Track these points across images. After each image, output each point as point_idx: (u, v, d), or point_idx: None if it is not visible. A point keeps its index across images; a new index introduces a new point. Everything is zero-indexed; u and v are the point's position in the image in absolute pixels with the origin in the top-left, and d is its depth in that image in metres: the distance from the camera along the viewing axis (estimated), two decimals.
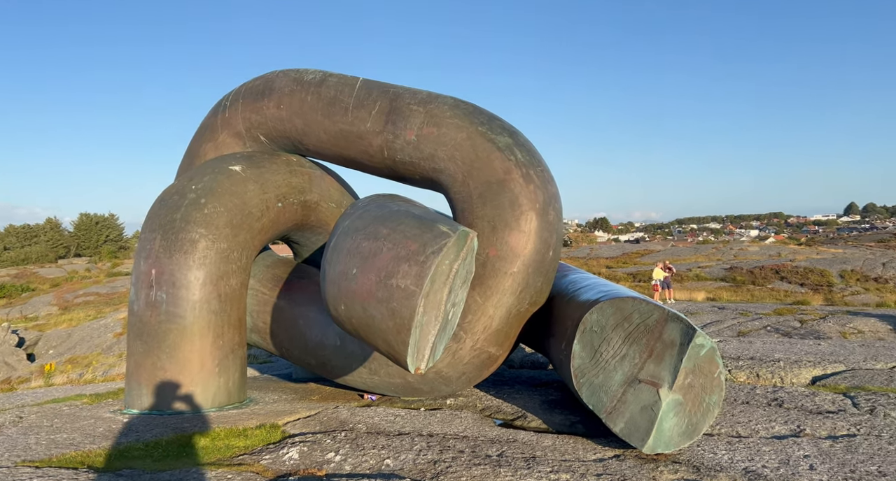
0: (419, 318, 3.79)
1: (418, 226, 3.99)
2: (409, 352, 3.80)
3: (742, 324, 21.14)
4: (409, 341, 3.73)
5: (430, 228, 3.94)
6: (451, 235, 3.90)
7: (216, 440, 5.02)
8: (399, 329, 3.72)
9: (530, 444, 4.76)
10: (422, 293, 3.68)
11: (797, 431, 4.85)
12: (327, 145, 7.24)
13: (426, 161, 6.47)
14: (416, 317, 3.70)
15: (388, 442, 4.83)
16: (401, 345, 3.76)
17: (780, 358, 7.36)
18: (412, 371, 3.96)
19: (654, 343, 4.63)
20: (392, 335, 3.79)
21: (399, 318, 3.71)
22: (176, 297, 6.13)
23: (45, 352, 23.80)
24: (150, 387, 6.09)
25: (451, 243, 3.86)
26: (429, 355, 4.06)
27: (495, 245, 5.88)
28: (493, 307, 5.87)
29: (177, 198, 6.51)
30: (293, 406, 6.50)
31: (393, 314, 3.73)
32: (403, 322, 3.70)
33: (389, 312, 3.74)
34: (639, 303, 4.78)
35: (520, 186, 5.96)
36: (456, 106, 6.55)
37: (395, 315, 3.72)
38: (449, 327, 4.28)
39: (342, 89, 7.07)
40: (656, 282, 29.67)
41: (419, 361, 3.99)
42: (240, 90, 7.93)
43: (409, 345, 3.74)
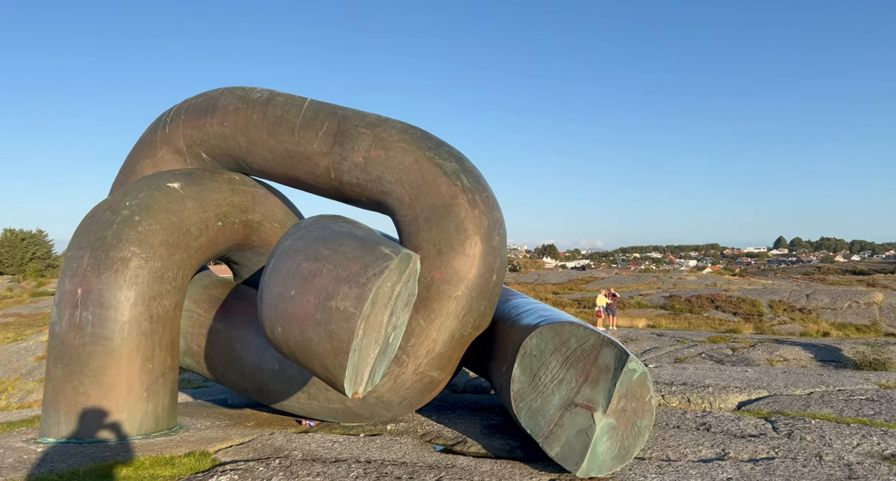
0: (358, 341, 3.77)
1: (360, 248, 4.00)
2: (346, 376, 3.76)
3: (679, 351, 21.89)
4: (346, 365, 3.70)
5: (372, 250, 3.96)
6: (394, 257, 3.92)
7: (139, 469, 4.80)
8: (337, 352, 3.69)
9: (468, 470, 4.77)
10: (361, 315, 3.67)
11: (722, 455, 5.05)
12: (272, 164, 7.18)
13: (373, 183, 6.50)
14: (355, 340, 3.68)
15: (324, 469, 4.73)
16: (338, 368, 3.72)
17: (710, 384, 7.67)
18: (350, 395, 3.91)
19: (590, 367, 4.75)
20: (329, 358, 3.74)
21: (337, 341, 3.68)
22: (103, 318, 5.87)
23: None
24: (70, 414, 5.76)
25: (394, 266, 3.88)
26: (367, 379, 4.03)
27: (440, 268, 5.94)
28: (437, 330, 5.90)
29: (109, 214, 6.29)
30: (226, 432, 6.28)
31: (331, 337, 3.69)
32: (341, 345, 3.67)
33: (328, 335, 3.70)
34: (576, 328, 4.92)
35: (465, 211, 6.06)
36: (404, 130, 6.64)
37: (333, 337, 3.69)
38: (389, 350, 4.27)
39: (289, 109, 7.06)
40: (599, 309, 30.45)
41: (357, 385, 3.95)
42: (181, 106, 7.80)
43: (346, 368, 3.71)
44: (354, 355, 3.78)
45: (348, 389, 3.88)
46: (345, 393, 3.90)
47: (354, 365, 3.83)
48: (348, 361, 3.70)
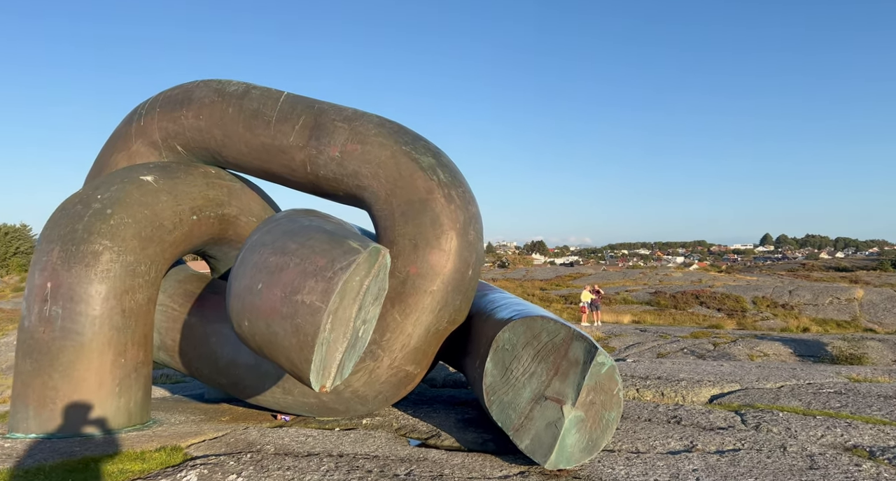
0: (325, 335, 3.80)
1: (328, 242, 4.02)
2: (312, 370, 3.79)
3: (661, 347, 22.16)
4: (312, 358, 3.72)
5: (339, 244, 3.98)
6: (362, 251, 3.95)
7: (109, 464, 4.79)
8: (302, 346, 3.71)
9: (439, 463, 4.82)
10: (327, 309, 3.69)
11: (690, 447, 5.15)
12: (248, 158, 7.17)
13: (349, 178, 6.52)
14: (321, 335, 3.70)
15: (296, 463, 4.76)
16: (304, 362, 3.75)
17: (685, 377, 7.79)
18: (317, 389, 3.94)
19: (560, 361, 4.82)
20: (295, 352, 3.76)
21: (303, 335, 3.70)
22: (73, 312, 5.84)
23: None
24: (40, 409, 5.74)
25: (361, 260, 3.91)
26: (335, 373, 4.06)
27: (416, 263, 5.97)
28: (412, 325, 5.94)
29: (80, 207, 6.25)
30: (200, 427, 6.28)
31: (297, 331, 3.72)
32: (307, 339, 3.69)
33: (293, 329, 3.73)
34: (547, 323, 4.98)
35: (441, 206, 6.10)
36: (381, 124, 6.65)
37: (298, 331, 3.71)
38: (359, 344, 4.31)
39: (265, 102, 7.04)
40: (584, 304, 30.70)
41: (325, 379, 3.98)
42: (157, 99, 7.75)
43: (311, 362, 3.73)
44: (321, 349, 3.81)
45: (315, 383, 3.91)
46: (311, 386, 3.93)
47: (322, 359, 3.86)
48: (314, 355, 3.72)
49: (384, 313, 5.95)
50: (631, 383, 7.60)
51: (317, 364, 3.79)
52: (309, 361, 3.72)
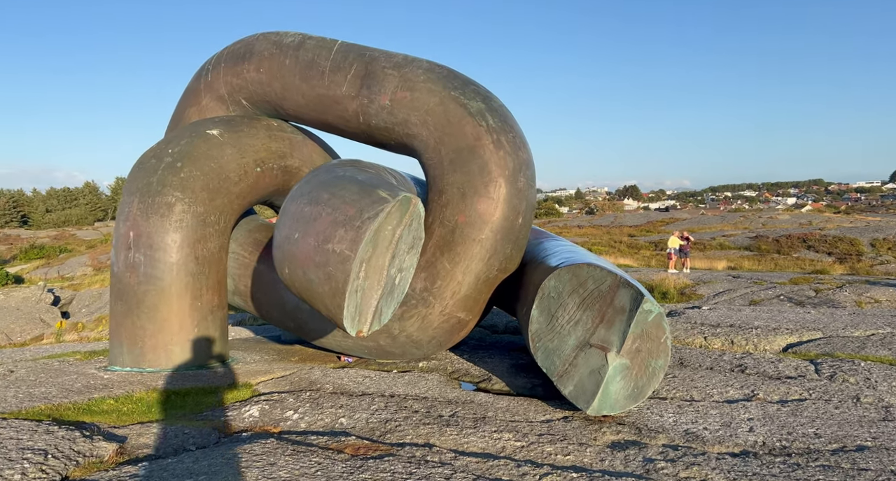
0: (359, 283, 3.97)
1: (358, 192, 4.14)
2: (345, 316, 3.99)
3: (755, 293, 21.14)
4: (343, 305, 3.92)
5: (368, 194, 4.09)
6: (390, 201, 4.04)
7: (186, 397, 5.36)
8: (334, 293, 3.92)
9: (484, 405, 5.00)
10: (356, 258, 3.85)
11: (750, 396, 5.01)
12: (305, 110, 7.37)
13: (400, 126, 6.57)
14: (352, 283, 3.88)
15: (349, 401, 5.11)
16: (336, 308, 3.96)
17: (760, 325, 7.46)
18: (353, 333, 4.17)
19: (606, 308, 4.78)
20: (329, 299, 3.98)
21: (334, 282, 3.90)
22: (153, 260, 6.42)
23: (79, 310, 24.88)
24: (131, 346, 6.45)
25: (390, 209, 4.01)
26: (372, 318, 4.26)
27: (464, 211, 6.02)
28: (462, 273, 6.05)
29: (154, 161, 6.75)
30: (271, 366, 6.83)
31: (329, 278, 3.92)
32: (338, 286, 3.89)
33: (325, 276, 3.93)
34: (594, 270, 4.92)
35: (490, 152, 6.05)
36: (430, 70, 6.60)
37: (330, 279, 3.91)
38: (397, 292, 4.47)
39: (319, 52, 7.15)
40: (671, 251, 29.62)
41: (362, 324, 4.19)
42: (222, 54, 8.06)
43: (344, 308, 3.94)
44: (355, 296, 3.99)
45: (350, 328, 4.13)
46: (347, 331, 4.15)
47: (357, 306, 4.05)
48: (345, 302, 3.92)
49: (433, 261, 6.09)
50: (699, 331, 7.39)
51: (350, 310, 4.00)
52: (341, 307, 3.93)
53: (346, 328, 4.12)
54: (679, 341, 7.13)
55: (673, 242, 29.60)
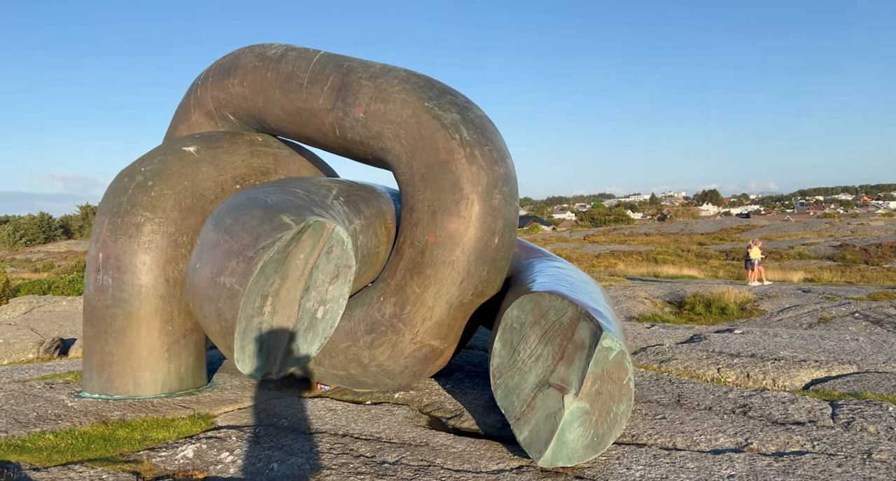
0: (262, 319, 3.74)
1: (260, 217, 3.91)
2: (237, 357, 3.76)
3: (825, 310, 19.75)
4: (233, 346, 3.69)
5: (270, 219, 3.85)
6: (292, 227, 3.78)
7: (134, 431, 5.28)
8: (224, 332, 3.69)
9: (437, 450, 4.69)
10: (246, 292, 3.60)
11: (742, 445, 4.48)
12: (286, 124, 7.28)
13: (374, 140, 6.36)
14: (241, 321, 3.64)
15: (293, 441, 4.90)
16: (227, 350, 3.73)
17: (785, 356, 6.78)
18: (256, 377, 3.93)
19: (566, 343, 4.39)
20: (220, 338, 3.76)
21: (223, 321, 3.68)
22: (121, 282, 6.43)
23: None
24: (100, 372, 6.46)
25: (292, 236, 3.75)
26: (284, 358, 4.02)
27: (434, 231, 5.74)
28: (432, 298, 5.76)
29: (126, 180, 6.78)
30: (243, 394, 6.71)
31: (219, 316, 3.70)
32: (227, 325, 3.66)
33: (216, 313, 3.72)
34: (555, 299, 4.55)
35: (462, 168, 5.76)
36: (406, 79, 6.37)
37: (220, 317, 3.70)
38: (322, 326, 4.21)
39: (299, 64, 7.05)
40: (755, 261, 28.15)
41: (270, 365, 3.95)
42: (211, 68, 8.09)
43: (234, 350, 3.70)
44: (256, 334, 3.76)
45: (249, 370, 3.88)
46: (246, 374, 3.91)
47: (261, 345, 3.82)
48: (235, 342, 3.68)
49: (403, 285, 5.83)
50: (713, 361, 6.79)
51: (250, 350, 3.77)
52: (231, 349, 3.70)
53: (243, 371, 3.89)
54: (688, 373, 6.56)
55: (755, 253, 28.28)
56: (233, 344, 3.72)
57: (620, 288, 28.30)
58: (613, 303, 6.39)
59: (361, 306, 6.16)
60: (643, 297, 25.37)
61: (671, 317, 22.34)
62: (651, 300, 25.16)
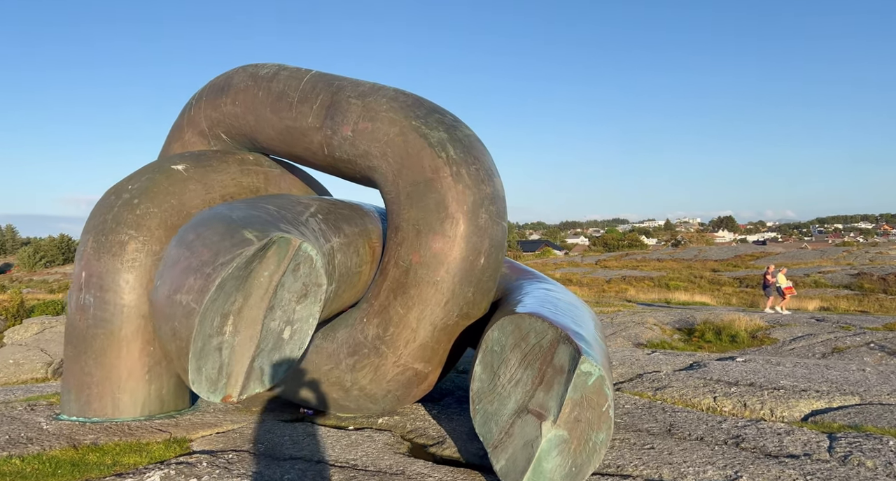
0: (223, 339, 3.64)
1: (222, 233, 3.83)
2: (192, 380, 3.64)
3: (839, 340, 19.37)
4: (187, 367, 3.58)
5: (231, 235, 3.77)
6: (254, 243, 3.70)
7: (104, 456, 5.17)
8: (179, 353, 3.59)
9: (413, 478, 4.55)
10: (201, 311, 3.51)
11: (731, 478, 4.30)
12: (276, 142, 7.28)
13: (361, 159, 6.34)
14: (197, 341, 3.53)
15: (266, 468, 4.76)
16: (182, 372, 3.62)
17: (785, 385, 6.57)
18: (214, 400, 3.81)
19: (546, 367, 4.26)
20: (176, 360, 3.66)
21: (179, 341, 3.58)
22: (103, 301, 6.37)
23: None
24: (78, 393, 6.37)
25: (254, 252, 3.66)
26: (246, 380, 3.91)
27: (418, 250, 5.66)
28: (416, 319, 5.66)
29: (113, 198, 6.78)
30: (224, 417, 6.59)
31: (174, 335, 3.60)
32: (182, 345, 3.56)
33: (172, 333, 3.62)
34: (536, 321, 4.43)
35: (447, 186, 5.70)
36: (395, 98, 6.36)
37: (175, 336, 3.60)
38: (289, 347, 4.10)
39: (290, 83, 7.08)
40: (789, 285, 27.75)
41: (231, 388, 3.84)
42: (205, 87, 8.15)
43: (189, 371, 3.59)
44: (216, 355, 3.66)
45: (207, 393, 3.76)
46: (204, 397, 3.79)
47: (221, 366, 3.70)
48: (190, 364, 3.58)
49: (386, 305, 5.74)
50: (710, 390, 6.59)
51: (208, 372, 3.66)
52: (186, 370, 3.59)
53: (200, 394, 3.77)
54: (683, 401, 6.36)
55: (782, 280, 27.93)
56: (187, 365, 3.61)
57: (629, 313, 27.96)
58: (603, 328, 6.25)
59: (345, 327, 6.06)
60: (652, 324, 25.03)
61: (680, 344, 21.98)
62: (660, 326, 24.81)
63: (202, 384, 3.71)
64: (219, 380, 3.79)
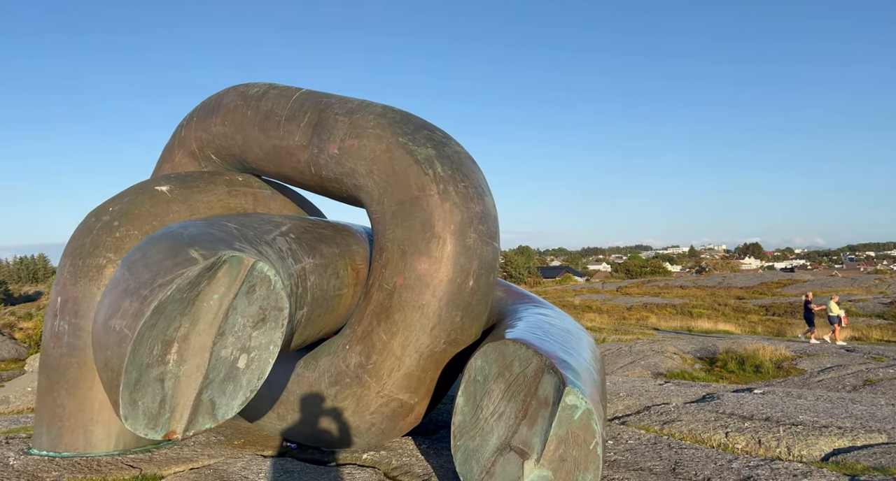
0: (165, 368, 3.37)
1: (167, 251, 3.59)
2: (124, 414, 3.35)
3: (871, 371, 18.68)
4: (119, 400, 3.30)
5: (175, 254, 3.53)
6: (199, 263, 3.45)
7: None
8: (111, 385, 3.31)
9: None
10: (135, 337, 3.25)
11: None
12: (264, 162, 7.14)
13: (348, 177, 6.15)
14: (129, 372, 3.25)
15: None
16: (115, 405, 3.34)
17: (805, 421, 6.13)
18: (153, 437, 3.53)
19: (530, 400, 3.95)
20: (109, 392, 3.38)
21: (110, 371, 3.31)
22: (77, 328, 6.18)
23: None
24: (50, 426, 6.14)
25: (198, 273, 3.42)
26: (193, 414, 3.63)
27: (403, 272, 5.42)
28: (400, 346, 5.38)
29: (92, 220, 6.63)
30: (202, 451, 6.31)
31: (106, 365, 3.34)
32: (113, 376, 3.29)
33: (104, 362, 3.36)
34: (520, 349, 4.13)
35: (434, 204, 5.47)
36: (382, 114, 6.19)
37: (108, 366, 3.33)
38: (246, 377, 3.81)
39: (279, 101, 6.96)
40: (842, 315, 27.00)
41: (175, 423, 3.56)
42: (197, 108, 8.09)
43: (120, 405, 3.31)
44: (155, 387, 3.38)
45: (140, 429, 3.46)
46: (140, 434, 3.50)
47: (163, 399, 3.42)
48: (121, 397, 3.30)
49: (370, 331, 5.47)
50: (722, 424, 6.17)
51: (147, 406, 3.38)
52: (117, 404, 3.32)
53: (134, 430, 3.49)
54: (692, 437, 5.95)
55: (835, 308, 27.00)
56: (118, 397, 3.33)
57: (648, 342, 27.25)
58: (601, 358, 5.89)
59: (327, 355, 5.80)
60: (672, 353, 24.33)
61: (701, 373, 21.26)
62: (680, 355, 24.09)
63: (138, 419, 3.43)
64: (160, 415, 3.51)
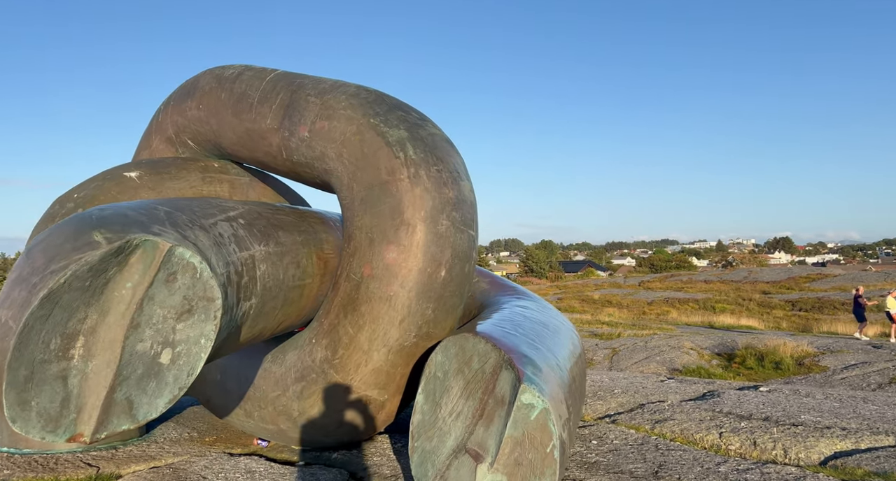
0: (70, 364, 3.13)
1: (67, 234, 3.35)
2: (12, 416, 3.12)
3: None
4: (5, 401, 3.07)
5: (76, 237, 3.29)
6: (101, 247, 3.21)
7: None
8: None
9: None
10: (19, 331, 3.02)
11: None
12: (238, 147, 6.95)
13: (318, 161, 5.93)
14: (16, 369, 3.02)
15: None
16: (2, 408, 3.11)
17: (806, 421, 5.81)
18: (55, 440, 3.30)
19: (488, 398, 3.71)
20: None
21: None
22: None
23: None
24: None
25: (101, 258, 3.17)
26: (103, 415, 3.41)
27: (371, 262, 5.19)
28: (368, 340, 5.16)
29: (56, 207, 6.51)
30: (170, 448, 6.17)
31: None
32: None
33: None
34: (479, 343, 3.90)
35: (403, 189, 5.23)
36: (355, 94, 5.95)
37: None
38: (174, 373, 3.58)
39: (252, 83, 6.75)
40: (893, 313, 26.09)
41: (81, 425, 3.33)
42: (174, 92, 7.92)
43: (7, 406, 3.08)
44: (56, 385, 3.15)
45: (34, 432, 3.22)
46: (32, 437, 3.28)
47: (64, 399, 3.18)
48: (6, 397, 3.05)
49: (336, 324, 5.27)
50: (717, 424, 5.87)
51: (39, 406, 3.15)
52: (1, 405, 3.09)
53: (31, 435, 3.27)
54: (684, 437, 5.67)
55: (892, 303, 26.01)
56: (1, 398, 3.11)
57: (665, 337, 26.81)
58: (584, 355, 5.62)
59: (294, 349, 5.61)
60: (689, 348, 23.90)
61: (718, 370, 20.86)
62: (698, 351, 23.66)
63: (30, 421, 3.20)
64: (62, 416, 3.28)
